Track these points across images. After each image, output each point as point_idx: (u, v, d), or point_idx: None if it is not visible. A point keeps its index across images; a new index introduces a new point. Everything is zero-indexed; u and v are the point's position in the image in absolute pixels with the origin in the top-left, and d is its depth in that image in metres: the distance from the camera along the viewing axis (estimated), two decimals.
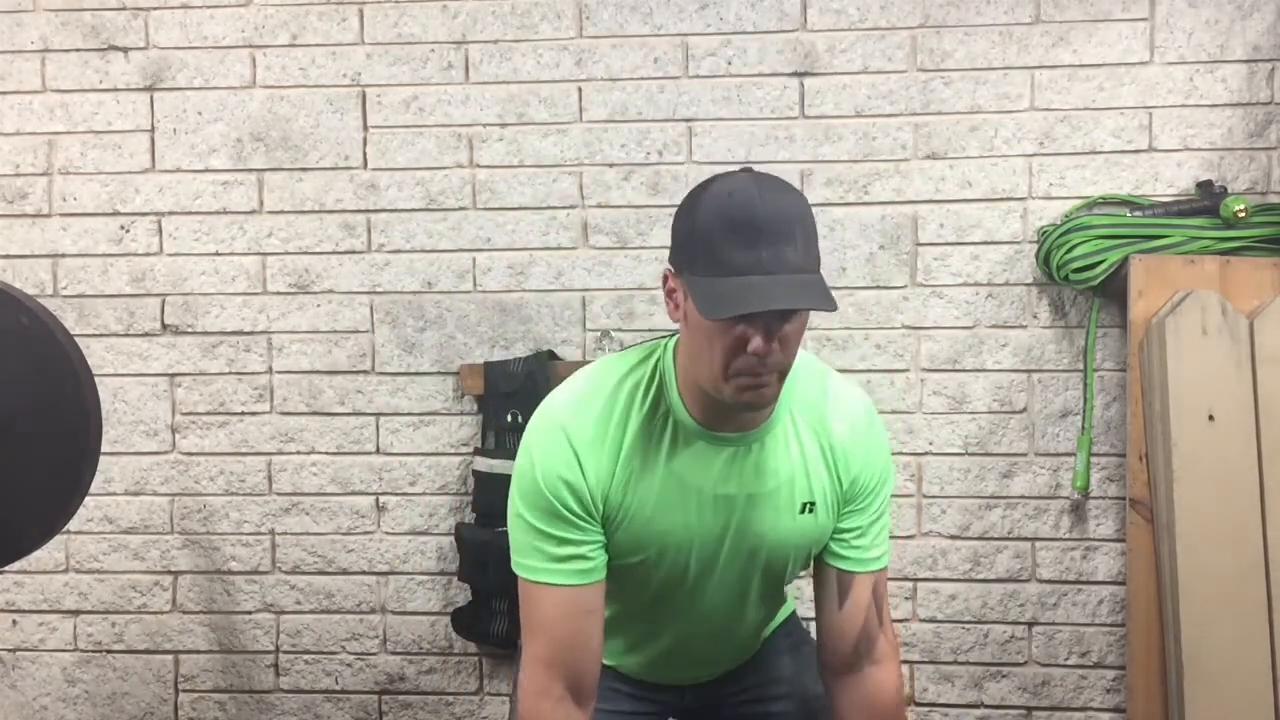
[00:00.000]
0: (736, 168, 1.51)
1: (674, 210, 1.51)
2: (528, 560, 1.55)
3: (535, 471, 1.53)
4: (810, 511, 1.59)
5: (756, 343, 1.40)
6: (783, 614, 1.87)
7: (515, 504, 1.56)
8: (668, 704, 1.83)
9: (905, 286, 2.67)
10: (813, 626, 1.75)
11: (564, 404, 1.57)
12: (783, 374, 1.48)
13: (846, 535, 1.63)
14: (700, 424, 1.54)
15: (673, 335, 1.60)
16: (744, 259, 1.37)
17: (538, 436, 1.56)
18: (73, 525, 2.64)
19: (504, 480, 1.69)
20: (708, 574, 1.61)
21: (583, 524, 1.54)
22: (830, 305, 1.38)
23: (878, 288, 2.67)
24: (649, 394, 1.56)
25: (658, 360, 1.58)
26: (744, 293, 1.37)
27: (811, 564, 1.70)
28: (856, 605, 1.64)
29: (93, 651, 2.84)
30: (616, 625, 1.70)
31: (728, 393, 1.46)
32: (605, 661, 1.73)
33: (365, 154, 2.74)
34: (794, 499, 1.58)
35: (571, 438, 1.53)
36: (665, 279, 1.51)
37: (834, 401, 1.61)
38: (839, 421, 1.60)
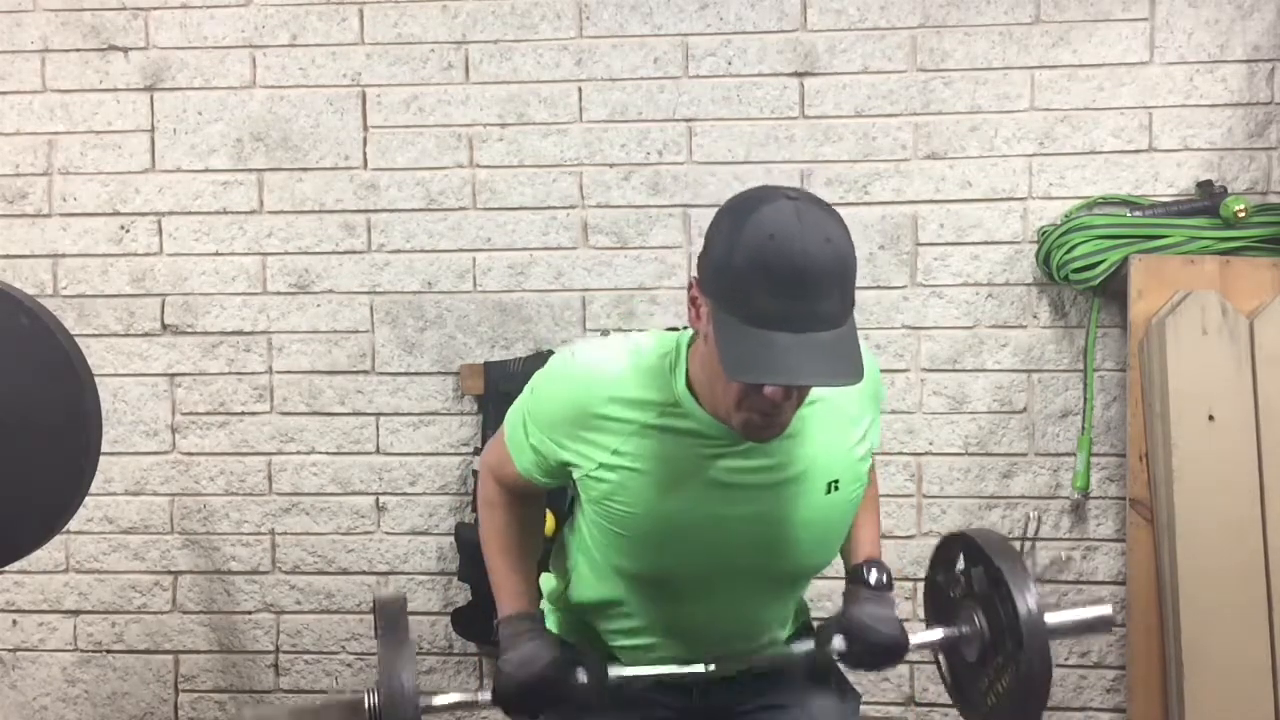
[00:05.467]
0: (784, 187, 1.43)
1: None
2: (513, 429, 1.65)
3: (551, 392, 1.62)
4: (836, 489, 1.58)
5: (774, 390, 1.38)
6: (797, 623, 1.83)
7: (535, 382, 1.65)
8: (676, 712, 1.81)
9: (905, 286, 2.67)
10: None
11: (611, 361, 1.58)
12: (797, 408, 1.46)
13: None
14: (716, 419, 1.51)
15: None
16: (775, 309, 1.34)
17: (575, 367, 1.61)
18: (73, 525, 2.64)
19: None
20: (726, 563, 1.59)
21: (545, 459, 1.60)
22: (856, 378, 1.35)
23: (878, 288, 2.67)
24: (667, 386, 1.54)
25: (670, 359, 1.56)
26: (770, 355, 1.33)
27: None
28: None
29: (93, 651, 2.84)
30: (623, 613, 1.68)
31: (735, 422, 1.45)
32: (615, 652, 1.72)
33: (365, 154, 2.74)
34: (819, 479, 1.56)
35: (584, 399, 1.56)
36: (690, 285, 1.47)
37: None
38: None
